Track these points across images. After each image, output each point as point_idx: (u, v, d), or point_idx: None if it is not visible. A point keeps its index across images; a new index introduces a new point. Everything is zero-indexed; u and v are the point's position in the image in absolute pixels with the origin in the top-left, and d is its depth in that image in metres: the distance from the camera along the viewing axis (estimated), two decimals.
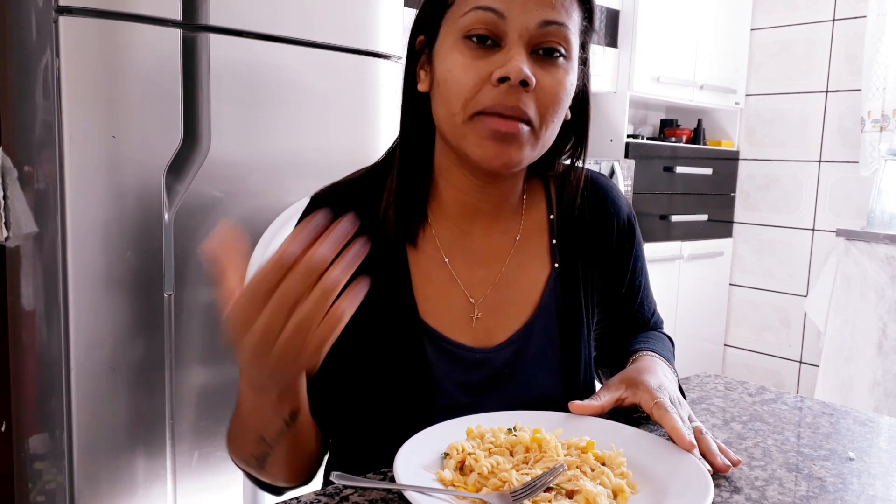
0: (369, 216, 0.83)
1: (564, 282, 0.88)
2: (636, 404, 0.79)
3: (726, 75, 3.26)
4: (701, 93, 3.15)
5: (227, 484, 1.46)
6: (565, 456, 0.68)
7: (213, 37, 1.36)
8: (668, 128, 3.26)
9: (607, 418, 0.78)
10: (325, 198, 0.86)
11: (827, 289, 2.75)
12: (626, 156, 2.84)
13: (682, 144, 3.14)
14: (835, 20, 3.11)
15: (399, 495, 0.63)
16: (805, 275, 3.25)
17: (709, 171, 3.22)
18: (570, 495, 0.62)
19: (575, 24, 0.77)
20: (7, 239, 1.36)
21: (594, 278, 0.90)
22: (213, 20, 1.35)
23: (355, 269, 0.81)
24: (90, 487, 1.30)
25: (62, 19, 1.22)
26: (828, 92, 3.14)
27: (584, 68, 0.83)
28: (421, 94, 0.82)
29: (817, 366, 2.93)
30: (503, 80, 0.73)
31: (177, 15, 1.31)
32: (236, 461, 0.76)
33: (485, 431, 0.71)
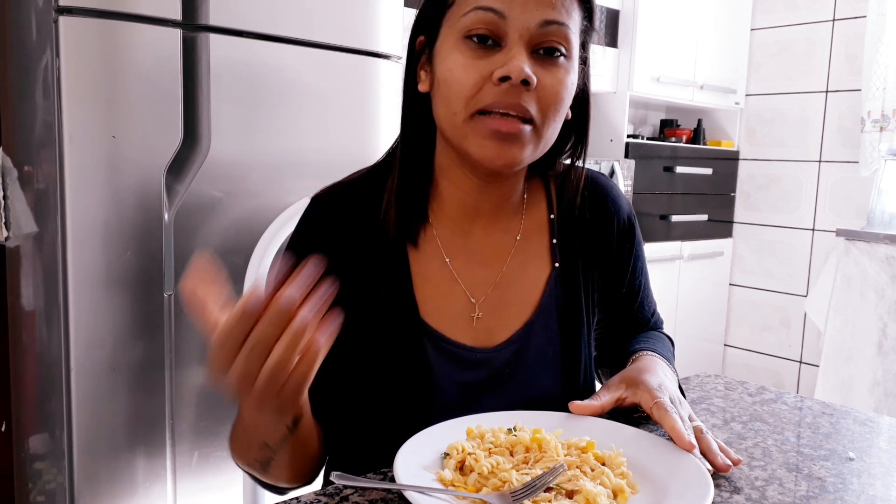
0: (370, 216, 0.83)
1: (565, 281, 0.88)
2: (636, 404, 0.79)
3: (726, 75, 3.26)
4: (701, 93, 3.15)
5: (227, 484, 1.46)
6: (565, 456, 0.68)
7: (213, 37, 1.36)
8: (668, 128, 3.26)
9: (607, 418, 0.78)
10: (325, 198, 0.85)
11: (827, 289, 2.75)
12: (626, 156, 2.84)
13: (682, 144, 3.14)
14: (835, 20, 3.11)
15: (399, 495, 0.63)
16: (805, 275, 3.25)
17: (709, 171, 3.22)
18: (570, 495, 0.62)
19: (575, 23, 0.77)
20: (7, 239, 1.36)
21: (594, 278, 0.90)
22: (213, 20, 1.35)
23: (355, 271, 0.82)
24: (90, 487, 1.30)
25: (62, 19, 1.22)
26: (828, 92, 3.14)
27: (585, 68, 0.83)
28: (421, 94, 0.82)
29: (817, 366, 2.93)
30: (504, 79, 0.73)
31: (177, 15, 1.31)
32: (239, 464, 0.76)
33: (485, 431, 0.71)
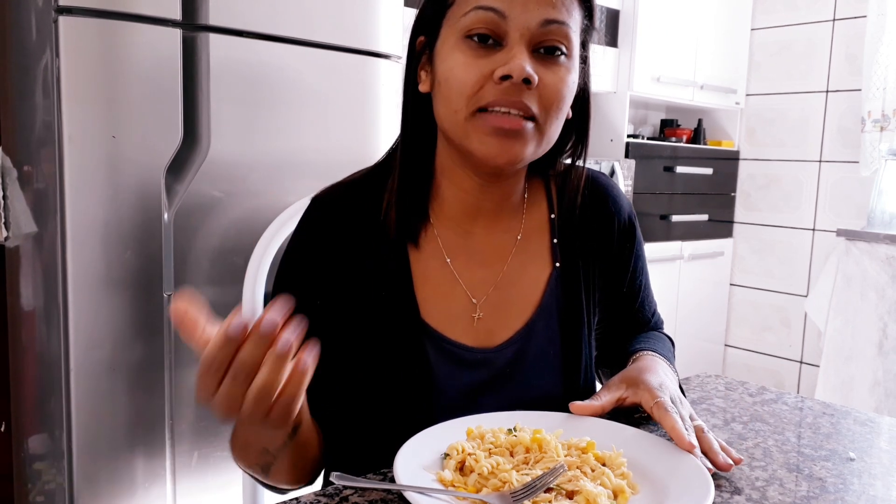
0: (370, 217, 0.83)
1: (565, 281, 0.87)
2: (637, 403, 0.79)
3: (726, 75, 3.26)
4: (701, 93, 3.15)
5: (226, 484, 1.46)
6: (565, 456, 0.67)
7: (213, 36, 1.36)
8: (668, 128, 3.26)
9: (608, 418, 0.78)
10: (325, 199, 0.85)
11: (827, 289, 2.74)
12: (627, 156, 2.84)
13: (682, 144, 3.13)
14: (835, 20, 3.11)
15: (399, 496, 0.63)
16: (805, 275, 3.25)
17: (709, 170, 3.22)
18: (571, 496, 0.62)
19: (576, 22, 0.77)
20: (7, 239, 1.36)
21: (595, 278, 0.90)
22: (213, 20, 1.35)
23: (356, 271, 0.81)
24: (89, 488, 1.30)
25: (62, 19, 1.22)
26: (828, 92, 3.14)
27: (585, 67, 0.83)
28: (422, 94, 0.82)
29: (818, 366, 2.93)
30: (505, 77, 0.73)
31: (177, 15, 1.31)
32: (240, 465, 0.77)
33: (485, 432, 0.71)
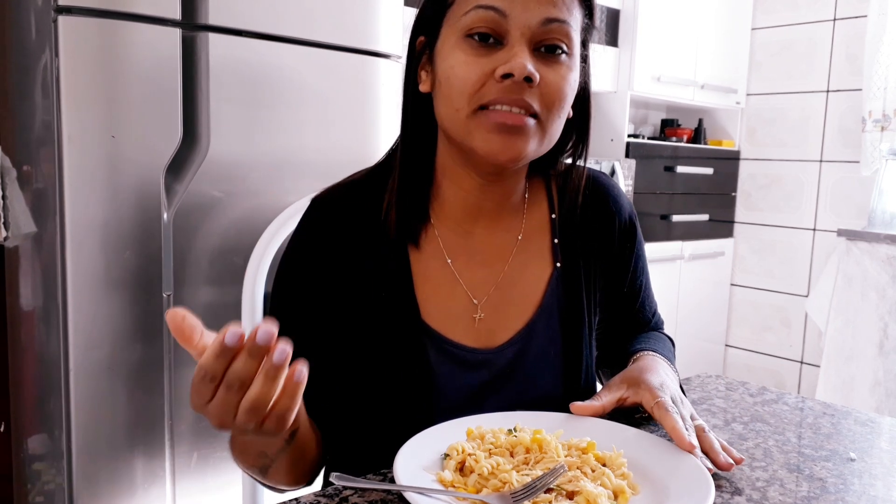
0: (370, 218, 0.83)
1: (566, 281, 0.87)
2: (638, 403, 0.79)
3: (727, 75, 3.26)
4: (702, 92, 3.15)
5: (226, 484, 1.46)
6: (566, 457, 0.67)
7: (213, 36, 1.36)
8: (668, 127, 3.26)
9: (608, 419, 0.78)
10: (325, 200, 0.85)
11: (828, 289, 2.74)
12: (627, 155, 2.84)
13: (682, 144, 3.13)
14: (835, 20, 3.10)
15: (399, 496, 0.63)
16: (806, 275, 3.25)
17: (710, 170, 3.22)
18: (571, 496, 0.62)
19: (576, 20, 0.77)
20: (6, 239, 1.36)
21: (596, 278, 0.90)
22: (213, 19, 1.35)
23: (356, 272, 0.81)
24: (89, 488, 1.30)
25: (61, 19, 1.22)
26: (829, 91, 3.14)
27: (585, 66, 0.83)
28: (422, 95, 0.82)
29: (818, 366, 2.93)
30: (507, 76, 0.73)
31: (176, 14, 1.31)
32: (239, 466, 0.77)
33: (485, 432, 0.71)
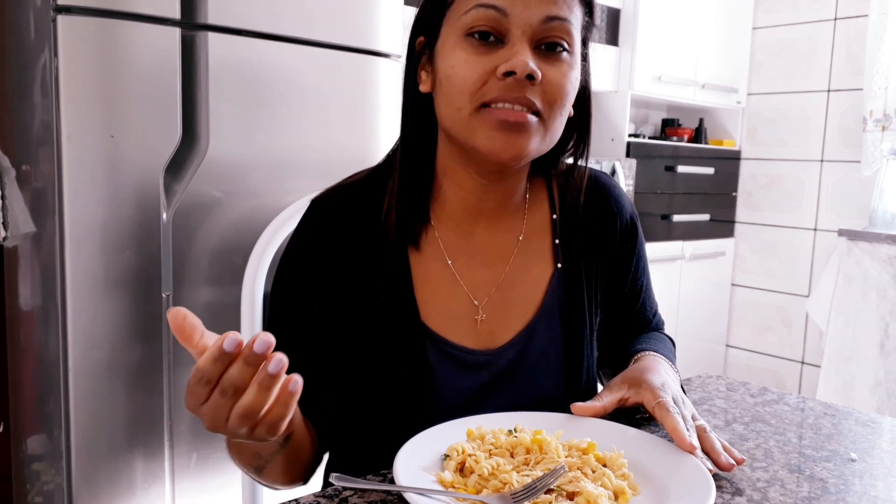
0: (370, 219, 0.83)
1: (567, 282, 0.87)
2: (639, 403, 0.79)
3: (728, 74, 3.25)
4: (702, 92, 3.14)
5: (225, 485, 1.46)
6: (566, 457, 0.67)
7: (212, 35, 1.36)
8: (669, 127, 3.26)
9: (609, 419, 0.78)
10: (324, 201, 0.85)
11: (829, 289, 2.74)
12: (628, 155, 2.84)
13: (683, 144, 3.13)
14: (836, 19, 3.10)
15: (399, 497, 0.63)
16: (807, 275, 3.24)
17: (710, 170, 3.21)
18: (571, 497, 0.61)
19: (577, 18, 0.77)
20: (5, 239, 1.36)
21: (597, 278, 0.90)
22: (213, 19, 1.35)
23: (356, 274, 0.81)
24: (88, 488, 1.30)
25: (60, 18, 1.21)
26: (829, 91, 3.14)
27: (585, 64, 0.83)
28: (422, 95, 0.82)
29: (819, 366, 2.92)
30: (509, 74, 0.72)
31: (175, 14, 1.31)
32: (235, 464, 0.77)
33: (485, 433, 0.70)
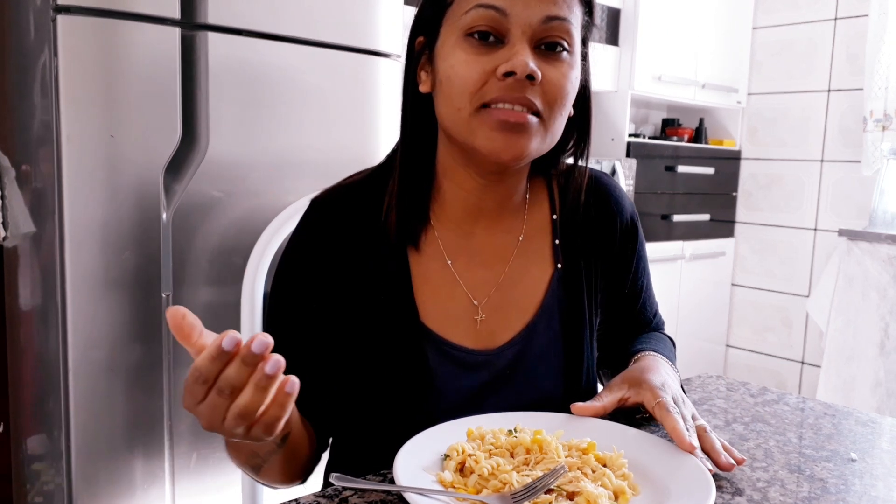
0: (370, 219, 0.82)
1: (567, 282, 0.87)
2: (639, 403, 0.79)
3: (728, 74, 3.25)
4: (702, 92, 3.14)
5: (225, 485, 1.46)
6: (566, 457, 0.67)
7: (212, 35, 1.36)
8: (669, 127, 3.26)
9: (609, 419, 0.78)
10: (324, 201, 0.84)
11: (829, 289, 2.74)
12: (628, 155, 2.84)
13: (683, 144, 3.13)
14: (836, 19, 3.10)
15: (399, 497, 0.63)
16: (807, 275, 3.24)
17: (710, 170, 3.21)
18: (571, 497, 0.61)
19: (577, 18, 0.77)
20: (5, 239, 1.36)
21: (597, 279, 0.90)
22: (212, 19, 1.35)
23: (355, 274, 0.81)
24: (88, 488, 1.30)
25: (60, 18, 1.21)
26: (830, 91, 3.14)
27: (585, 64, 0.83)
28: (422, 95, 0.82)
29: (819, 366, 2.92)
30: (509, 74, 0.72)
31: (175, 14, 1.31)
32: (233, 462, 0.77)
33: (485, 433, 0.70)
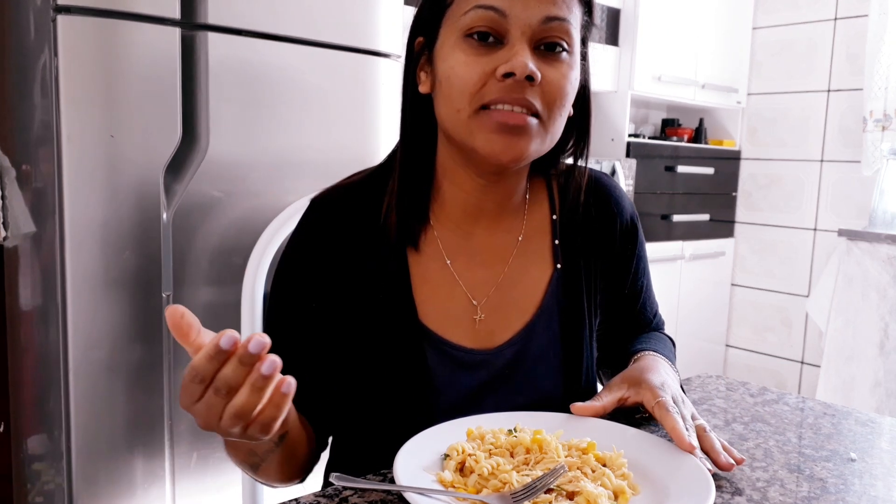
0: (370, 220, 0.83)
1: (567, 282, 0.87)
2: (639, 403, 0.79)
3: (728, 74, 3.25)
4: (702, 92, 3.14)
5: (226, 485, 1.46)
6: (566, 457, 0.67)
7: (212, 35, 1.36)
8: (669, 127, 3.26)
9: (608, 419, 0.78)
10: (324, 202, 0.85)
11: (828, 289, 2.74)
12: (628, 155, 2.84)
13: (683, 144, 3.13)
14: (836, 19, 3.10)
15: (399, 496, 0.63)
16: (807, 275, 3.24)
17: (710, 170, 3.21)
18: (571, 496, 0.61)
19: (576, 18, 0.77)
20: (5, 239, 1.36)
21: (597, 279, 0.90)
22: (212, 19, 1.35)
23: (355, 274, 0.81)
24: (88, 488, 1.30)
25: (60, 18, 1.21)
26: (829, 91, 3.14)
27: (585, 64, 0.83)
28: (421, 96, 0.82)
29: (819, 366, 2.92)
30: (508, 75, 0.72)
31: (175, 14, 1.31)
32: (232, 461, 0.77)
33: (485, 432, 0.70)
